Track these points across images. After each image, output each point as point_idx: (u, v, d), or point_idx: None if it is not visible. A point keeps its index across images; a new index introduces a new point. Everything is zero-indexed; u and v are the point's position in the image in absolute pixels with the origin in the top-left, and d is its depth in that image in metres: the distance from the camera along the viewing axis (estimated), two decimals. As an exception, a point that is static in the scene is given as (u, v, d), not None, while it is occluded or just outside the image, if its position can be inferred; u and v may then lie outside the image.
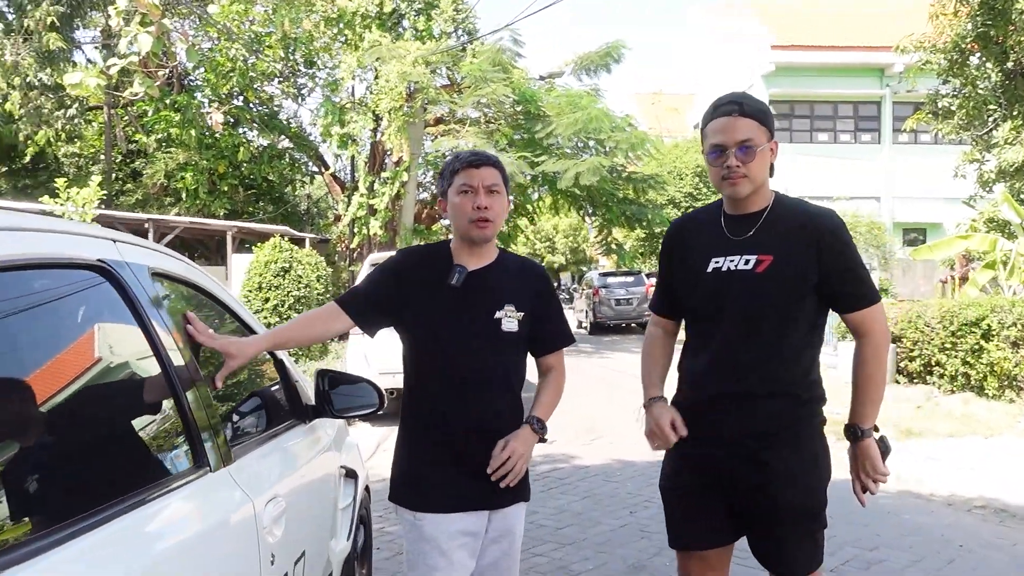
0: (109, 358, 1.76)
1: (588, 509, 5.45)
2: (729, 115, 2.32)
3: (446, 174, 2.41)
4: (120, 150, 21.67)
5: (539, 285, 2.52)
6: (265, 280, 11.33)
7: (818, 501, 2.38)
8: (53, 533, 1.29)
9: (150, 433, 1.82)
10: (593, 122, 16.66)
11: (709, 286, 2.38)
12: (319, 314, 2.46)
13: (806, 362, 2.39)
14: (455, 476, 2.34)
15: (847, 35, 26.36)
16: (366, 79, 19.61)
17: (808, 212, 2.40)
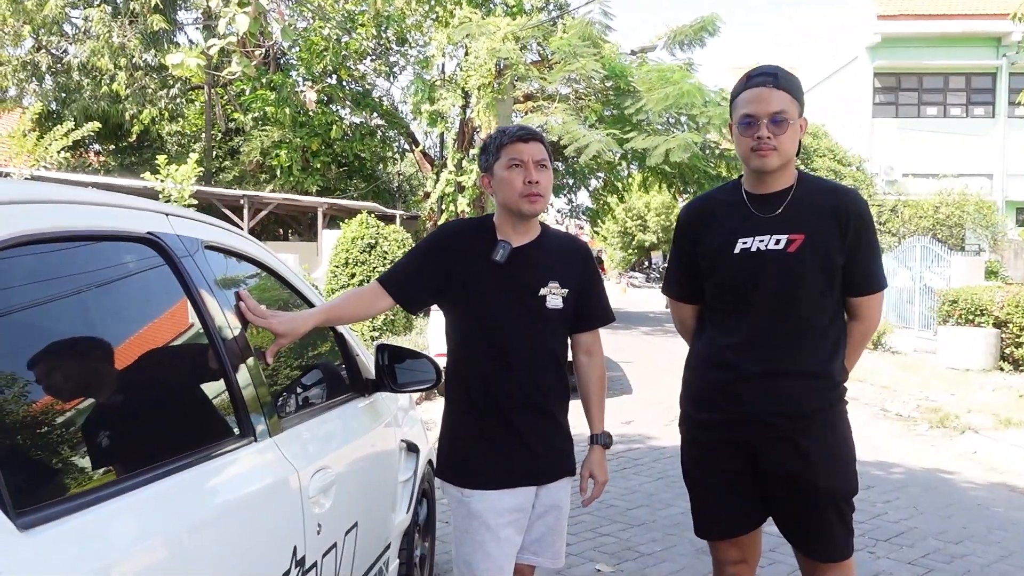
0: (159, 329, 1.81)
1: (660, 491, 5.39)
2: (763, 86, 2.28)
3: (491, 149, 2.37)
4: (219, 128, 22.42)
5: (583, 261, 2.49)
6: (352, 256, 11.56)
7: (852, 483, 2.38)
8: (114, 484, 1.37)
9: (198, 403, 1.87)
10: (685, 97, 16.29)
11: (740, 266, 2.33)
12: (364, 292, 2.46)
13: (836, 343, 2.37)
14: (502, 452, 2.34)
15: (958, 2, 25.00)
16: (456, 56, 19.70)
17: (835, 190, 2.40)
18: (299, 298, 2.60)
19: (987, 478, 5.86)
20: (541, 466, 2.38)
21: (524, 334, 2.35)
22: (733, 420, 2.34)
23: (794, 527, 2.39)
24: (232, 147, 22.32)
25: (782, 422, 2.29)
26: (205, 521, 1.58)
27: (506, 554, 2.33)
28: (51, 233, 1.49)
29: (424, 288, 2.43)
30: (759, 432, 2.31)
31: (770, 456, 2.31)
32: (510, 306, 2.35)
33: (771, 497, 2.38)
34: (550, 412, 2.40)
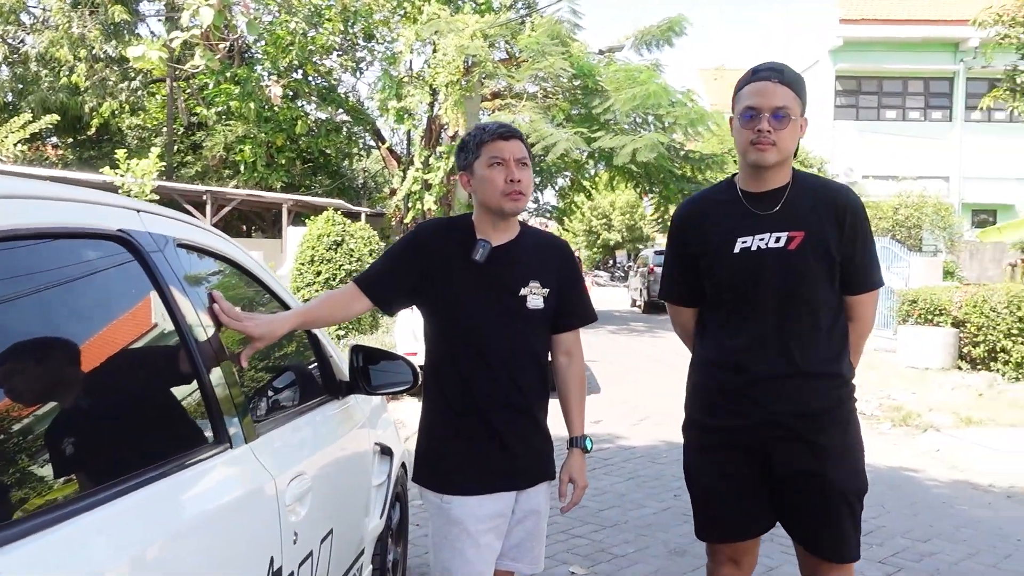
0: (129, 332, 1.74)
1: (631, 491, 5.38)
2: (768, 80, 2.26)
3: (470, 147, 2.31)
4: (181, 123, 22.07)
5: (563, 260, 2.44)
6: (317, 253, 11.42)
7: (863, 480, 2.39)
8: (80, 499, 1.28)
9: (170, 409, 1.80)
10: (652, 97, 16.37)
11: (741, 266, 2.31)
12: (340, 295, 2.39)
13: (841, 340, 2.37)
14: (482, 455, 2.29)
15: (919, 8, 25.45)
16: (424, 53, 19.58)
17: (830, 187, 2.40)
18: (274, 299, 2.53)
19: (950, 476, 5.94)
20: (521, 471, 2.34)
21: (504, 335, 2.30)
22: (747, 423, 2.32)
23: (806, 527, 2.37)
24: (195, 142, 22.00)
25: (796, 422, 2.28)
26: (180, 534, 1.51)
27: (486, 560, 2.28)
28: (17, 230, 1.41)
29: (401, 289, 2.36)
30: (773, 433, 2.29)
31: (785, 457, 2.30)
32: (490, 306, 2.30)
33: (783, 498, 2.36)
34: (531, 415, 2.36)
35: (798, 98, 2.27)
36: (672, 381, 10.52)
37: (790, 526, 2.41)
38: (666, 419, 7.88)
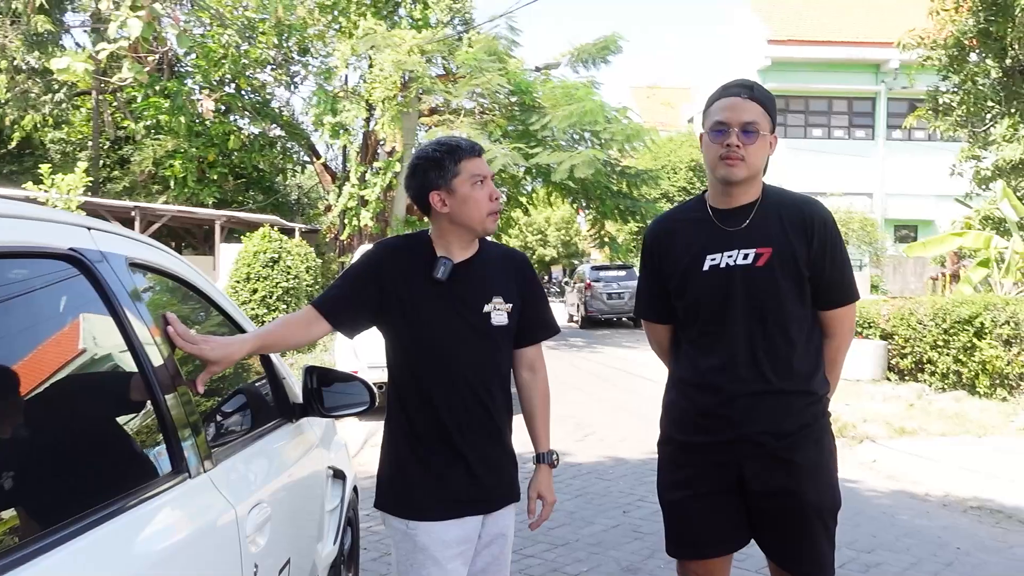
0: (80, 356, 1.64)
1: (580, 508, 5.36)
2: (738, 96, 2.27)
3: (446, 164, 2.22)
4: (108, 136, 21.45)
5: (524, 274, 2.40)
6: (253, 271, 11.19)
7: (837, 498, 2.38)
8: (15, 551, 1.18)
9: (125, 437, 1.71)
10: (588, 114, 16.53)
11: (709, 284, 2.30)
12: (298, 319, 2.30)
13: (814, 357, 2.35)
14: (448, 479, 2.23)
15: (843, 30, 26.35)
16: (360, 68, 19.43)
17: (798, 202, 2.38)
18: (228, 321, 2.44)
19: (888, 486, 6.08)
20: (488, 494, 2.28)
21: (469, 353, 2.25)
22: (722, 441, 2.30)
23: (781, 544, 2.36)
24: (122, 156, 21.39)
25: (771, 440, 2.26)
26: (141, 572, 1.42)
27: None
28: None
29: (361, 311, 2.29)
30: (747, 451, 2.28)
31: (759, 475, 2.28)
32: (454, 325, 2.25)
33: (758, 516, 2.35)
34: (497, 435, 2.32)
35: (767, 114, 2.28)
36: (614, 395, 10.60)
37: (764, 543, 2.40)
38: (610, 434, 7.92)
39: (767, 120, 2.28)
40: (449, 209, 2.23)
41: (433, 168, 2.23)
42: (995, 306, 9.74)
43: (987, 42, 12.72)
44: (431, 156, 2.25)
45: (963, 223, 13.32)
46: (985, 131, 13.20)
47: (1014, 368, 9.43)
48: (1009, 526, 5.09)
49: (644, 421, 8.53)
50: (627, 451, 7.13)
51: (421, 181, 2.25)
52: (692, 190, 24.19)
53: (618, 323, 22.61)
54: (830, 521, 2.35)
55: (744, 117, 2.24)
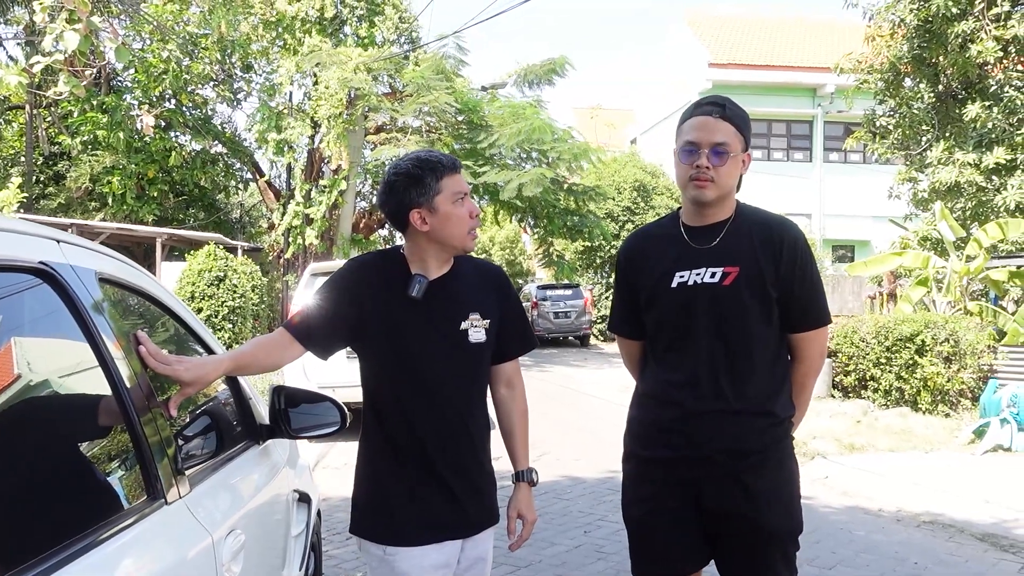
0: (50, 374, 1.54)
1: (540, 529, 5.29)
2: (709, 115, 2.25)
3: (427, 182, 2.13)
4: (42, 152, 20.77)
5: (500, 288, 2.35)
6: (199, 289, 10.92)
7: (798, 522, 2.33)
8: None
9: (98, 461, 1.60)
10: (536, 132, 16.60)
11: (676, 300, 2.28)
12: (271, 341, 2.20)
13: (779, 378, 2.32)
14: (427, 503, 2.16)
15: (782, 55, 27.03)
16: (305, 85, 19.22)
17: (769, 221, 2.35)
18: (195, 340, 2.34)
19: (843, 502, 6.15)
20: (468, 518, 2.22)
21: (448, 372, 2.19)
22: (679, 458, 2.27)
23: (736, 567, 2.32)
24: (57, 172, 20.73)
25: (726, 459, 2.23)
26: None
27: (433, 613, 2.15)
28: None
29: (336, 332, 2.19)
30: (704, 470, 2.25)
31: (715, 494, 2.25)
32: (431, 343, 2.18)
33: (715, 537, 2.31)
34: (476, 455, 2.26)
35: (739, 134, 2.25)
36: (564, 414, 10.58)
37: (721, 565, 2.37)
38: (564, 454, 7.87)
39: (739, 140, 2.25)
40: (430, 227, 2.15)
41: (413, 186, 2.14)
42: (935, 324, 10.01)
43: (921, 68, 13.16)
44: (411, 173, 2.15)
45: (901, 243, 13.67)
46: (920, 154, 13.61)
47: (954, 385, 9.69)
48: (962, 540, 5.18)
49: (596, 439, 8.53)
50: (583, 470, 7.09)
51: (400, 199, 2.16)
52: (636, 210, 24.43)
53: (565, 342, 22.66)
54: (789, 546, 2.30)
55: (715, 138, 2.22)
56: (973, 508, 5.88)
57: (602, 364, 17.72)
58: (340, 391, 3.88)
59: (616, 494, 6.45)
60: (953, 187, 12.18)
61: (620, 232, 23.89)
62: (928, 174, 12.95)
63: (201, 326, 2.41)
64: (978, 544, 5.09)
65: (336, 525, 5.14)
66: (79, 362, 1.57)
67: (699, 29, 27.94)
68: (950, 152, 12.36)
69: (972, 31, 12.17)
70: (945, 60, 12.62)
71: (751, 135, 2.31)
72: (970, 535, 5.28)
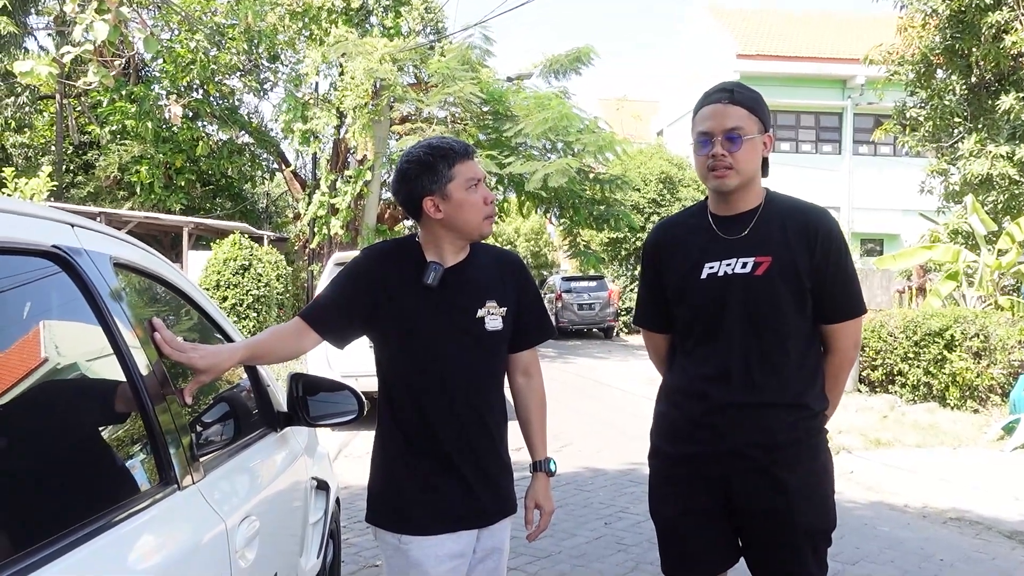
0: (63, 359, 1.54)
1: (561, 520, 5.27)
2: (718, 102, 2.19)
3: (440, 169, 2.11)
4: (72, 141, 21.05)
5: (518, 276, 2.32)
6: (224, 278, 10.99)
7: (831, 519, 2.26)
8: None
9: (111, 446, 1.60)
10: (563, 120, 16.52)
11: (707, 292, 2.23)
12: (287, 330, 2.19)
13: (813, 370, 2.25)
14: (442, 491, 2.15)
15: (811, 46, 26.68)
16: (331, 75, 19.27)
17: (803, 209, 2.28)
18: (212, 325, 2.33)
19: (867, 497, 6.07)
20: (483, 508, 2.20)
21: (464, 360, 2.17)
22: (707, 453, 2.22)
23: (767, 564, 2.27)
24: (86, 161, 20.99)
25: (758, 454, 2.17)
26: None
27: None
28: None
29: (352, 320, 2.18)
30: (734, 465, 2.19)
31: (745, 490, 2.20)
32: (447, 331, 2.16)
33: (745, 533, 2.26)
34: (492, 445, 2.24)
35: (753, 115, 2.19)
36: (587, 406, 10.55)
37: (751, 561, 2.31)
38: (586, 446, 7.85)
39: (754, 121, 2.19)
40: (444, 215, 2.14)
41: (426, 173, 2.12)
42: (965, 319, 9.84)
43: (953, 59, 12.92)
44: (423, 160, 2.13)
45: (931, 237, 13.47)
46: (952, 147, 13.39)
47: (983, 380, 9.52)
48: (989, 537, 5.10)
49: (619, 432, 8.49)
50: (604, 462, 7.07)
51: (412, 187, 2.15)
52: (662, 202, 24.28)
53: (589, 334, 22.60)
54: (821, 543, 2.24)
55: (727, 124, 2.16)
56: (1001, 505, 5.78)
57: (626, 356, 17.65)
58: (363, 380, 3.88)
59: (637, 486, 6.45)
60: (985, 180, 11.97)
61: (646, 224, 23.79)
62: (960, 167, 12.73)
63: (219, 313, 2.41)
64: (1006, 542, 5.01)
65: (357, 514, 5.16)
66: (92, 347, 1.57)
67: (724, 19, 27.66)
68: (982, 144, 12.14)
69: (1006, 21, 11.94)
70: (978, 51, 12.39)
71: (769, 117, 2.24)
72: (998, 532, 5.19)
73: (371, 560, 4.45)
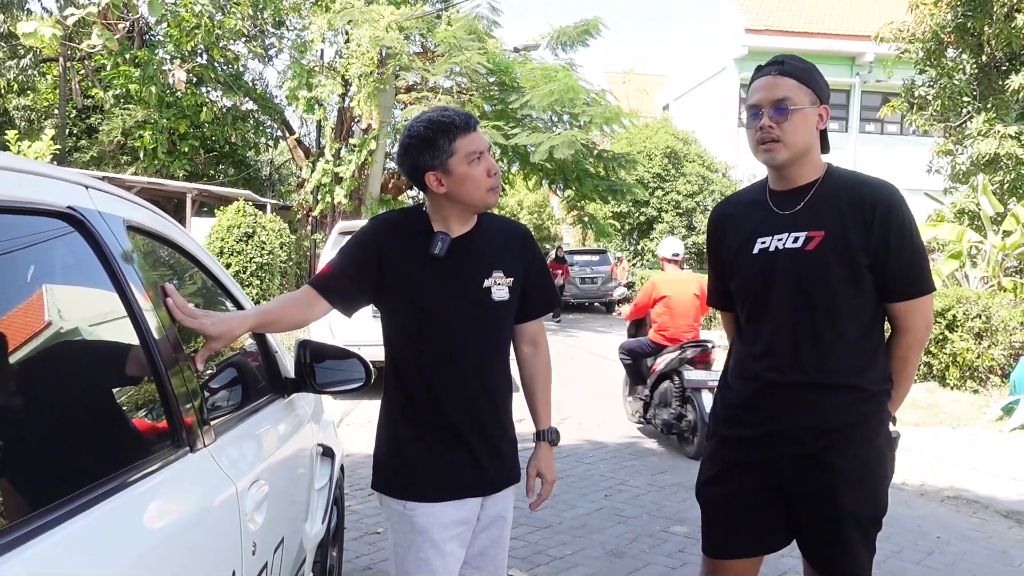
0: (77, 320, 1.54)
1: (562, 491, 5.32)
2: (768, 74, 2.15)
3: (440, 144, 2.09)
4: (75, 105, 20.95)
5: (525, 246, 2.32)
6: (227, 245, 10.99)
7: (882, 505, 2.19)
8: (11, 531, 1.09)
9: (125, 408, 1.61)
10: (569, 92, 16.40)
11: (756, 268, 2.19)
12: (296, 298, 2.20)
13: (870, 351, 2.16)
14: (448, 461, 2.16)
15: (820, 22, 26.45)
16: (336, 42, 19.12)
17: (863, 182, 2.18)
18: (222, 292, 2.34)
19: (865, 475, 6.11)
20: (488, 476, 2.22)
21: (471, 330, 2.17)
22: (757, 436, 2.19)
23: (815, 548, 2.23)
24: (90, 125, 20.89)
25: (808, 437, 2.12)
26: (145, 554, 1.33)
27: (451, 570, 2.16)
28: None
29: (360, 288, 2.19)
30: (783, 448, 2.15)
31: (795, 474, 2.15)
32: (454, 301, 2.17)
33: (794, 516, 2.21)
34: (497, 415, 2.25)
35: (804, 86, 2.12)
36: (588, 379, 10.58)
37: (801, 544, 2.27)
38: (587, 419, 7.89)
39: (805, 92, 2.12)
40: (447, 189, 2.13)
41: (427, 148, 2.10)
42: (967, 299, 9.83)
43: (964, 38, 12.81)
44: (423, 136, 2.11)
45: (936, 216, 13.43)
46: (960, 126, 13.31)
47: (984, 361, 9.54)
48: (986, 516, 5.14)
49: (620, 406, 8.54)
50: (605, 435, 7.11)
51: (414, 162, 2.13)
52: (667, 176, 24.20)
53: (591, 307, 22.62)
54: (870, 530, 2.18)
55: (775, 95, 2.11)
56: (999, 485, 5.82)
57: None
58: (365, 349, 3.89)
59: (638, 459, 6.49)
60: (992, 160, 11.91)
61: (649, 199, 23.70)
62: (967, 146, 12.66)
63: (229, 278, 2.42)
64: (1003, 520, 5.05)
65: (359, 481, 5.20)
66: (105, 309, 1.57)
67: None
68: (991, 124, 12.07)
69: (1018, 0, 11.81)
70: (990, 30, 12.27)
71: (825, 88, 2.16)
72: (995, 511, 5.23)
73: (373, 527, 4.50)
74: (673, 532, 4.48)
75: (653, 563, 4.07)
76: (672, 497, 5.21)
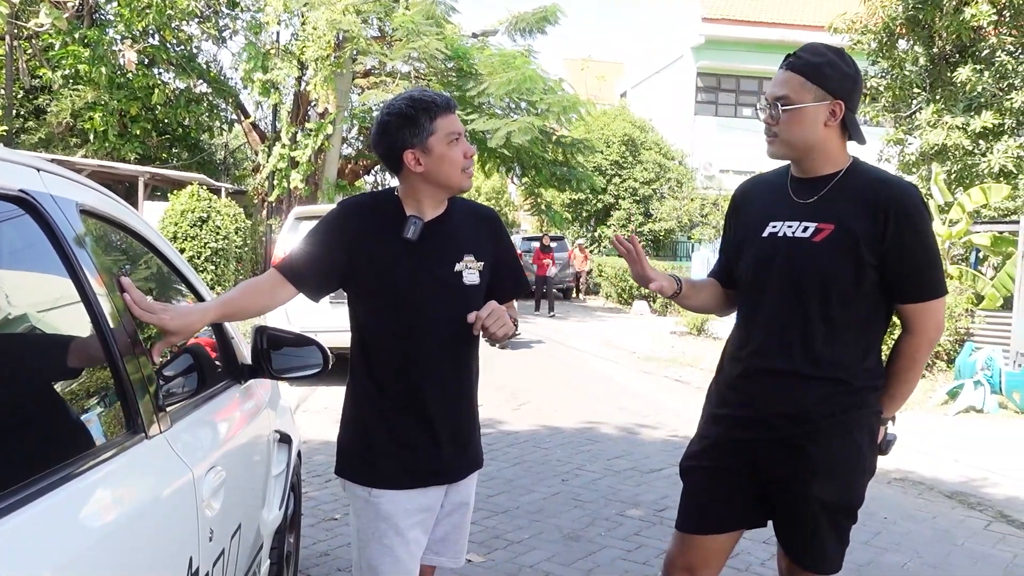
0: (30, 306, 1.52)
1: (519, 476, 5.36)
2: (782, 67, 2.17)
3: (421, 122, 2.09)
4: (22, 85, 20.37)
5: (494, 230, 2.33)
6: (181, 230, 10.82)
7: (855, 497, 2.22)
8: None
9: (77, 395, 1.60)
10: (527, 82, 16.41)
11: (760, 251, 2.22)
12: (261, 284, 2.18)
13: (863, 346, 2.17)
14: (415, 446, 2.17)
15: (776, 11, 26.72)
16: (292, 25, 18.85)
17: (883, 181, 2.17)
18: (179, 278, 2.31)
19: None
20: (453, 464, 2.23)
21: (442, 314, 2.16)
22: (738, 417, 2.23)
23: (787, 534, 2.27)
24: (37, 106, 20.35)
25: (782, 423, 2.15)
26: (100, 540, 1.32)
27: (414, 556, 2.17)
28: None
29: (329, 273, 2.17)
30: (760, 432, 2.18)
31: (769, 458, 2.18)
32: (426, 285, 2.16)
33: (768, 500, 2.25)
34: (465, 399, 2.26)
35: (809, 82, 2.10)
36: (545, 365, 10.65)
37: (776, 528, 2.31)
38: (545, 404, 7.94)
39: (808, 89, 2.11)
40: (424, 168, 2.12)
41: (407, 126, 2.10)
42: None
43: (916, 29, 13.05)
44: (404, 113, 2.10)
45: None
46: (910, 116, 13.57)
47: (929, 346, 9.79)
48: (931, 497, 5.30)
49: (576, 391, 8.61)
50: (562, 420, 7.17)
51: (393, 139, 2.12)
52: (624, 164, 24.33)
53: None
54: (843, 519, 2.20)
55: (776, 91, 2.13)
56: (943, 467, 6.00)
57: (585, 317, 17.80)
58: (323, 336, 3.87)
59: (594, 444, 6.56)
60: (941, 150, 12.18)
61: (607, 187, 23.80)
62: (917, 136, 12.93)
63: (184, 263, 2.39)
64: (946, 501, 5.21)
65: (316, 468, 5.18)
66: (58, 294, 1.55)
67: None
68: (939, 115, 12.33)
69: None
70: (940, 22, 12.52)
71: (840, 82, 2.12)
72: (939, 492, 5.39)
73: (330, 513, 4.49)
74: (629, 516, 4.55)
75: (609, 546, 4.12)
76: (627, 481, 5.28)
